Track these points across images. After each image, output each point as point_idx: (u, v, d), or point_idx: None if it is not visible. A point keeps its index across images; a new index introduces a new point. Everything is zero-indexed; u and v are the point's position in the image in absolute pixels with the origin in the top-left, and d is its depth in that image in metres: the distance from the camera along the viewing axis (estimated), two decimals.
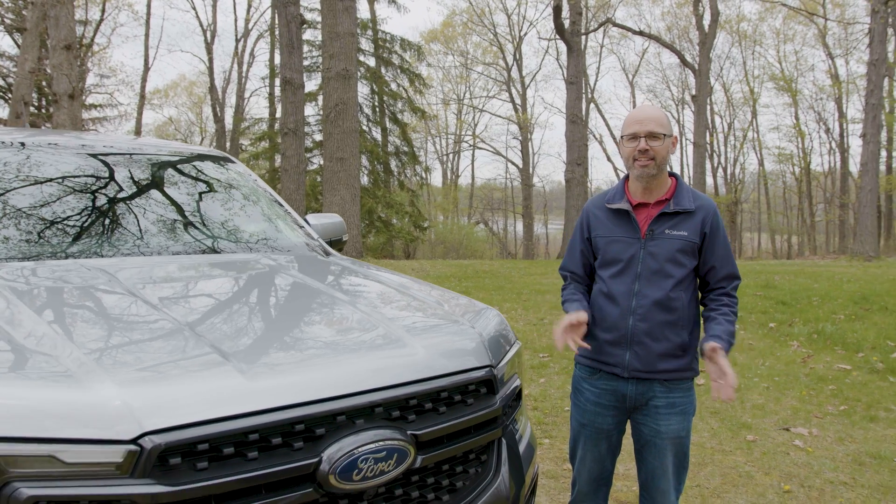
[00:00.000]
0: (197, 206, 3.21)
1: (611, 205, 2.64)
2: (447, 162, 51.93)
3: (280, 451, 1.63)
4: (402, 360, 1.94)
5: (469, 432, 2.04)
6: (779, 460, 4.44)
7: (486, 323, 2.41)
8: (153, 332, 1.87)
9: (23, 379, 1.55)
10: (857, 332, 8.09)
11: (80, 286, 2.23)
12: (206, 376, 1.64)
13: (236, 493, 1.56)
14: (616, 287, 2.58)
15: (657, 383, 2.55)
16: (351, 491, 1.71)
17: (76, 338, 1.77)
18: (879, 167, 25.41)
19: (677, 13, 43.35)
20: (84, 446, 1.45)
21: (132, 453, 1.46)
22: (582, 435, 2.72)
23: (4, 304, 1.93)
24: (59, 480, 1.43)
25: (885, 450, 4.61)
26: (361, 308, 2.26)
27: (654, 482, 2.62)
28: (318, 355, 1.89)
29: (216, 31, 40.10)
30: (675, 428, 2.57)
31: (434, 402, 1.95)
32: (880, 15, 20.09)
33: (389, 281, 2.80)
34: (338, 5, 14.63)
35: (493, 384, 2.14)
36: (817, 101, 44.00)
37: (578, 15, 24.89)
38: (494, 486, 2.10)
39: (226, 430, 1.56)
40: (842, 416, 5.35)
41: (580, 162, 24.41)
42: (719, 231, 2.56)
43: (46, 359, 1.63)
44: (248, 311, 2.23)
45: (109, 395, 1.50)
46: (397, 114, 30.65)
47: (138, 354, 1.71)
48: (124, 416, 1.48)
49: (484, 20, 44.41)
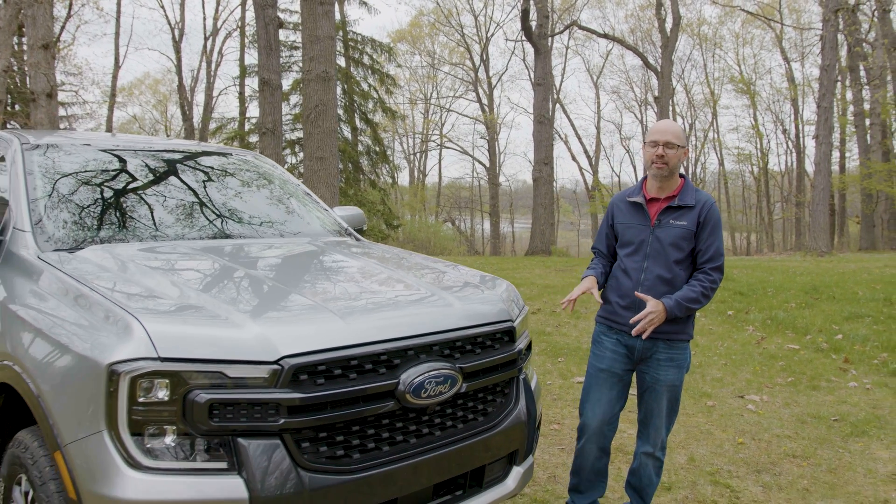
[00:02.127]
0: (257, 198, 3.85)
1: (630, 198, 3.33)
2: (414, 161, 52.44)
3: (371, 374, 2.24)
4: (448, 313, 2.57)
5: (496, 369, 2.67)
6: (734, 420, 5.15)
7: (502, 289, 3.05)
8: (273, 291, 2.49)
9: (199, 322, 2.14)
10: (807, 318, 8.88)
11: (207, 260, 2.85)
12: (317, 319, 2.26)
13: (343, 402, 2.17)
14: (629, 263, 3.25)
15: (660, 341, 3.20)
16: (419, 406, 2.32)
17: (223, 295, 2.39)
18: (832, 167, 26.63)
19: (640, 16, 44.47)
20: (242, 366, 2.04)
21: (275, 371, 2.06)
22: (598, 380, 3.32)
23: (160, 275, 2.53)
24: (226, 389, 2.02)
25: (824, 411, 5.35)
26: (407, 276, 2.90)
27: (650, 419, 3.28)
28: (388, 307, 2.52)
29: (184, 29, 40.02)
30: (672, 378, 3.22)
31: (472, 345, 2.58)
32: (831, 23, 21.17)
33: (418, 257, 3.43)
34: (317, 9, 15.13)
35: (513, 334, 2.79)
36: (775, 102, 45.55)
37: (545, 18, 25.64)
38: (515, 412, 2.74)
39: (334, 357, 2.16)
40: (789, 386, 6.09)
41: (547, 161, 25.13)
42: (710, 222, 3.19)
43: (211, 309, 2.22)
44: (325, 277, 2.86)
45: (257, 331, 2.10)
46: (368, 113, 31.12)
47: (269, 306, 2.32)
48: (268, 346, 2.08)
49: (451, 21, 44.93)
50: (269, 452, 2.03)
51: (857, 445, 4.68)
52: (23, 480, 2.42)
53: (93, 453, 2.00)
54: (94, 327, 2.12)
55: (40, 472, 2.24)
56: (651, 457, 3.31)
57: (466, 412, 2.57)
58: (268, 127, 17.32)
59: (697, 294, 3.14)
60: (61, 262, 2.66)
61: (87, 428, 2.02)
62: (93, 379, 2.00)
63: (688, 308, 3.10)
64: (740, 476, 4.17)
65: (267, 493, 2.00)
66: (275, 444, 2.05)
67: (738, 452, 4.55)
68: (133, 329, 2.02)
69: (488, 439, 2.61)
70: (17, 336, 2.42)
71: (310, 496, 2.06)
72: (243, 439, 2.02)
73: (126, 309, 2.12)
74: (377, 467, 2.24)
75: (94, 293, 2.27)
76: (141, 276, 2.52)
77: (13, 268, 2.82)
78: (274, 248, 3.34)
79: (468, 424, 2.57)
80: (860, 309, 9.24)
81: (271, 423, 2.04)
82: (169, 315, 2.15)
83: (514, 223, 55.27)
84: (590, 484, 3.40)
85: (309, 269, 3.03)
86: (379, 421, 2.28)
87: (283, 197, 4.11)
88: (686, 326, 3.22)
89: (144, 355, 1.98)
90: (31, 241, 2.89)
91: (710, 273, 3.18)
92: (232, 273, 2.74)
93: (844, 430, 4.96)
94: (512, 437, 2.71)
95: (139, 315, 2.07)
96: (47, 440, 2.16)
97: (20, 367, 2.32)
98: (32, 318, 2.40)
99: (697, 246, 3.19)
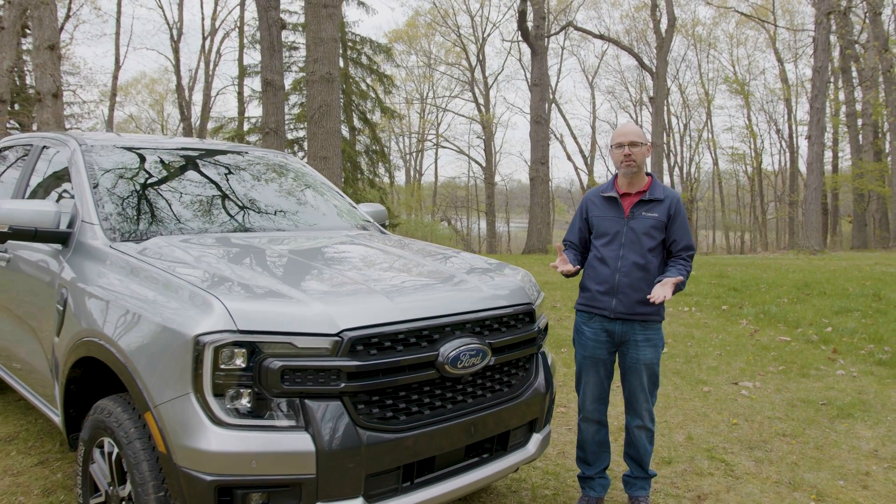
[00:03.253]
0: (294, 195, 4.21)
1: (604, 194, 3.66)
2: (411, 160, 52.74)
3: (415, 347, 2.59)
4: (478, 296, 2.92)
5: (519, 346, 3.02)
6: (728, 404, 5.51)
7: (522, 276, 3.39)
8: (326, 275, 2.84)
9: (270, 300, 2.48)
10: (798, 312, 9.25)
11: (262, 250, 3.22)
12: (368, 299, 2.60)
13: (392, 370, 2.51)
14: (606, 252, 3.58)
15: (637, 323, 3.54)
16: (455, 375, 2.67)
17: (285, 278, 2.75)
18: (824, 167, 27.06)
19: (635, 16, 44.87)
20: (308, 338, 2.38)
21: (336, 342, 2.40)
22: (585, 365, 3.68)
23: (225, 262, 2.88)
24: (295, 357, 2.36)
25: (812, 396, 5.71)
26: (438, 263, 3.24)
27: (635, 396, 3.62)
28: (427, 290, 2.87)
29: (183, 29, 40.20)
30: (650, 356, 3.56)
31: (498, 324, 2.93)
32: (823, 26, 21.60)
33: (442, 248, 3.78)
34: (321, 12, 15.45)
35: (533, 315, 3.14)
36: (768, 103, 46.08)
37: (542, 19, 26.00)
38: (535, 385, 3.09)
39: (384, 331, 2.51)
40: (780, 374, 6.45)
41: (544, 161, 25.47)
42: (679, 214, 3.58)
43: (278, 290, 2.57)
44: (367, 263, 3.21)
45: (320, 309, 2.44)
46: (367, 113, 31.46)
47: (325, 287, 2.66)
48: (330, 321, 2.42)
49: (448, 21, 45.27)
50: (331, 412, 2.37)
51: (843, 426, 5.04)
52: (105, 442, 2.75)
53: (181, 412, 2.33)
54: (180, 306, 2.46)
55: (126, 433, 2.57)
56: (642, 428, 3.64)
57: (494, 383, 2.91)
58: (271, 127, 17.63)
59: (685, 275, 3.52)
60: (135, 251, 2.99)
61: (175, 391, 2.35)
62: (181, 349, 2.34)
63: (680, 286, 3.48)
64: (734, 452, 4.52)
65: (330, 447, 2.33)
66: (336, 405, 2.39)
67: (732, 432, 4.90)
68: (215, 306, 2.36)
69: (512, 408, 2.95)
70: (101, 315, 2.75)
71: (366, 450, 2.40)
72: (310, 400, 2.36)
73: (206, 290, 2.45)
74: (419, 428, 2.58)
75: (175, 277, 2.61)
76: (208, 262, 2.85)
77: (86, 256, 3.15)
78: (317, 239, 3.70)
79: (495, 394, 2.91)
80: (850, 304, 9.61)
81: (333, 386, 2.38)
82: (244, 295, 2.49)
83: (509, 222, 55.60)
84: (595, 455, 3.74)
85: (351, 256, 3.37)
86: (421, 388, 2.63)
87: (316, 194, 4.50)
88: (659, 309, 3.56)
89: (225, 328, 2.31)
90: (100, 232, 3.22)
91: (686, 259, 3.57)
92: (287, 260, 3.10)
93: (831, 412, 5.32)
94: (532, 406, 3.06)
95: (219, 294, 2.41)
96: (137, 403, 2.49)
97: (107, 342, 2.65)
98: (117, 299, 2.73)
99: (671, 236, 3.55)
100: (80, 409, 3.15)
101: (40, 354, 3.46)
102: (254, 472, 2.30)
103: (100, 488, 2.85)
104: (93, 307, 2.85)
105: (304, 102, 29.59)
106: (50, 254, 3.42)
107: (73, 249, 3.27)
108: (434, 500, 2.66)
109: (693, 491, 3.95)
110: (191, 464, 2.31)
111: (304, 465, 2.32)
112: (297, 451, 2.32)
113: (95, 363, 2.97)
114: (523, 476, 4.11)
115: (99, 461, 2.83)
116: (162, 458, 2.40)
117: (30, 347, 3.59)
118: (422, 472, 2.65)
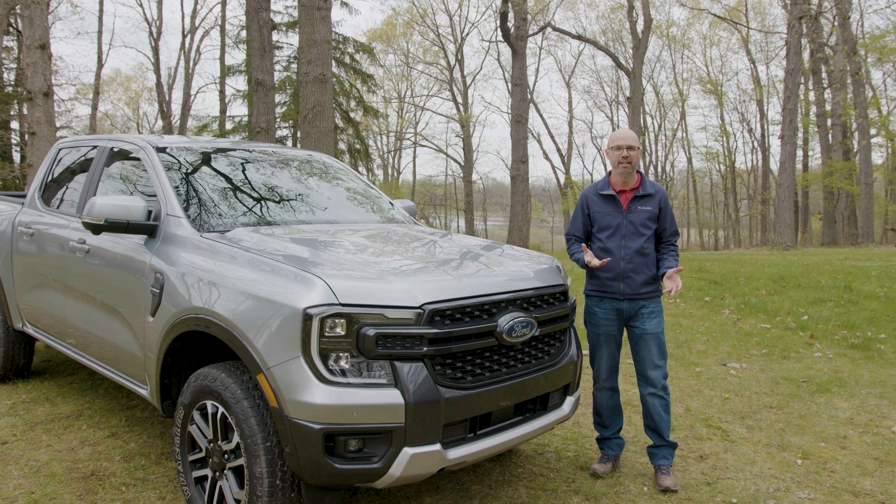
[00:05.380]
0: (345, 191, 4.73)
1: (602, 192, 4.19)
2: (389, 159, 53.05)
3: (478, 319, 3.09)
4: (525, 277, 3.45)
5: (556, 320, 3.53)
6: (719, 382, 6.08)
7: (555, 262, 3.90)
8: (400, 257, 3.35)
9: (364, 279, 2.97)
10: (776, 303, 9.90)
11: (338, 238, 3.73)
12: (440, 278, 3.12)
13: (461, 338, 3.01)
14: (610, 244, 4.11)
15: (641, 300, 4.08)
16: (510, 343, 3.18)
17: (369, 260, 3.27)
18: (796, 166, 27.98)
19: (611, 17, 45.58)
20: (397, 310, 2.87)
21: (419, 314, 2.89)
22: (598, 342, 4.19)
23: (310, 248, 3.38)
24: (386, 326, 2.85)
25: (794, 374, 6.31)
26: (486, 250, 3.78)
27: (646, 364, 4.13)
28: (485, 272, 3.38)
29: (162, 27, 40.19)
30: (655, 325, 4.09)
31: (541, 301, 3.45)
32: (795, 29, 22.43)
33: (475, 237, 4.30)
34: (315, 14, 15.83)
35: (567, 294, 3.66)
36: (741, 103, 47.14)
37: (523, 20, 26.53)
38: (569, 354, 3.62)
39: (456, 305, 3.01)
40: (763, 356, 7.05)
41: (524, 160, 26.01)
42: (667, 205, 4.18)
43: (367, 270, 3.07)
44: (428, 250, 3.71)
45: (404, 286, 2.94)
46: (350, 112, 31.83)
47: (404, 268, 3.16)
48: (413, 296, 2.91)
49: (426, 20, 45.59)
50: (416, 372, 2.86)
51: (822, 399, 5.63)
52: (208, 405, 3.21)
53: (292, 373, 2.81)
54: (286, 284, 2.93)
55: (233, 394, 3.04)
56: (655, 396, 4.14)
57: (537, 352, 3.43)
58: (262, 126, 18.01)
59: (676, 259, 4.11)
60: (227, 240, 3.46)
61: (286, 355, 2.82)
62: (291, 320, 2.81)
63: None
64: (728, 421, 5.09)
65: (416, 399, 2.82)
66: (420, 366, 2.88)
67: (725, 405, 5.47)
68: (318, 284, 2.84)
69: (551, 373, 3.46)
70: (209, 294, 3.21)
71: (444, 403, 2.89)
72: (398, 362, 2.86)
73: (307, 271, 2.93)
74: (482, 387, 3.08)
75: (276, 262, 3.09)
76: (293, 249, 3.33)
77: (178, 245, 3.60)
78: (377, 230, 4.24)
79: (538, 361, 3.42)
80: (823, 295, 10.28)
81: (417, 350, 2.88)
82: (341, 274, 2.97)
83: (487, 220, 56.19)
84: (610, 419, 4.25)
85: (412, 244, 3.88)
86: (482, 354, 3.13)
87: (363, 191, 5.07)
88: (657, 286, 4.15)
89: (329, 301, 2.79)
90: (186, 224, 3.68)
91: (674, 244, 4.20)
92: (362, 246, 3.61)
93: (811, 388, 5.92)
94: (567, 372, 3.58)
95: (321, 274, 2.89)
96: (250, 367, 2.95)
97: (216, 317, 3.11)
98: (223, 280, 3.19)
99: (662, 225, 4.14)
100: (172, 379, 3.61)
101: (125, 333, 3.90)
102: (354, 421, 2.79)
103: (199, 445, 3.31)
104: (198, 288, 3.30)
105: (289, 101, 29.93)
106: (136, 244, 3.85)
107: (162, 239, 3.72)
108: (491, 449, 3.18)
109: (696, 452, 4.50)
110: (301, 415, 2.78)
111: (396, 415, 2.81)
112: (389, 403, 2.81)
113: (191, 337, 3.44)
114: (546, 441, 4.63)
115: (199, 422, 3.29)
116: (273, 411, 2.87)
117: (114, 328, 4.02)
118: (482, 425, 3.16)
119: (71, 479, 3.87)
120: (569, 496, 3.82)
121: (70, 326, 4.52)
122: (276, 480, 2.92)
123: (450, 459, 2.96)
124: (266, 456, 2.91)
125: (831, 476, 4.15)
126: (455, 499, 3.74)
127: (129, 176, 4.47)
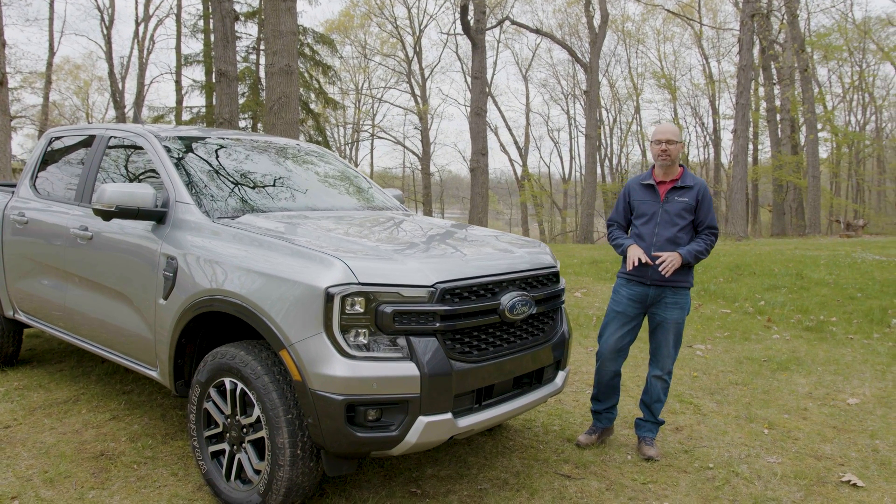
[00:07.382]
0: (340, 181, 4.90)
1: (643, 181, 4.40)
2: (346, 151, 52.85)
3: (483, 297, 3.33)
4: (522, 260, 3.70)
5: (550, 300, 3.79)
6: (688, 362, 6.44)
7: (545, 247, 4.16)
8: (407, 240, 3.57)
9: (379, 260, 3.18)
10: (734, 290, 10.36)
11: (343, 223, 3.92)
12: (450, 260, 3.35)
13: (469, 314, 3.24)
14: (644, 230, 4.32)
15: (668, 289, 4.29)
16: (511, 320, 3.42)
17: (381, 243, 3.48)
18: (748, 159, 28.88)
19: (568, 11, 46.16)
20: (411, 289, 3.09)
21: (432, 292, 3.11)
22: (613, 318, 4.40)
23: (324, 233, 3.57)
24: (401, 303, 3.06)
25: (755, 355, 6.71)
26: (485, 235, 4.02)
27: (659, 349, 4.36)
28: (487, 255, 3.62)
29: (114, 15, 39.34)
30: (676, 316, 4.31)
31: (536, 282, 3.70)
32: (747, 27, 23.13)
33: (475, 226, 4.53)
34: (280, 5, 15.82)
35: (558, 276, 3.92)
36: (693, 97, 48.24)
37: (483, 14, 26.74)
38: (561, 331, 3.88)
39: (464, 284, 3.24)
40: (726, 339, 7.45)
41: (484, 152, 26.27)
42: (706, 199, 4.28)
43: (381, 252, 3.29)
44: (431, 234, 3.94)
45: (416, 266, 3.16)
46: (310, 103, 31.72)
47: (413, 250, 3.38)
48: (426, 276, 3.13)
49: (384, 12, 45.49)
50: (429, 346, 3.09)
51: (783, 376, 6.02)
52: (226, 381, 3.38)
53: (315, 348, 3.01)
54: (306, 265, 3.12)
55: (253, 370, 3.22)
56: (659, 379, 4.39)
57: (534, 329, 3.68)
58: (225, 117, 17.87)
59: (703, 247, 4.22)
60: (240, 225, 3.62)
61: (309, 331, 3.02)
62: (313, 298, 3.01)
63: (696, 256, 4.20)
64: (699, 397, 5.43)
65: (430, 371, 3.05)
66: (433, 340, 3.11)
67: (694, 382, 5.82)
68: (337, 265, 3.04)
69: (546, 349, 3.73)
70: (229, 276, 3.37)
71: (456, 375, 3.13)
72: (413, 337, 3.08)
73: (328, 253, 3.13)
74: (486, 360, 3.32)
75: (294, 244, 3.27)
76: (308, 233, 3.52)
77: (190, 230, 3.75)
78: (380, 215, 4.47)
79: (535, 337, 3.68)
80: (777, 282, 10.80)
81: (430, 326, 3.10)
82: (356, 256, 3.16)
83: (444, 212, 56.49)
84: (606, 395, 4.51)
85: (415, 228, 4.12)
86: (487, 330, 3.37)
87: (358, 180, 5.28)
88: (688, 276, 4.30)
89: (349, 281, 3.00)
90: (196, 210, 3.83)
91: (709, 234, 4.26)
92: (369, 230, 3.83)
93: (772, 366, 6.32)
94: (559, 348, 3.84)
95: (340, 256, 3.09)
96: (272, 343, 3.13)
97: (237, 298, 3.28)
98: (242, 262, 3.35)
99: (698, 217, 4.27)
100: (185, 359, 3.77)
101: (133, 317, 4.03)
102: (374, 392, 3.00)
103: (215, 421, 3.48)
104: (217, 271, 3.45)
105: (248, 93, 29.70)
106: (144, 230, 3.98)
107: (172, 225, 3.86)
108: (494, 419, 3.42)
109: (671, 424, 4.82)
110: (324, 387, 2.98)
111: (412, 386, 3.03)
112: (407, 375, 3.03)
113: (203, 319, 3.60)
114: (533, 417, 4.90)
115: (216, 398, 3.46)
116: (296, 385, 3.06)
117: (120, 312, 4.14)
118: (486, 396, 3.40)
119: (81, 458, 4.00)
120: (559, 464, 4.09)
121: (69, 312, 4.62)
122: (297, 450, 3.12)
123: (460, 427, 3.20)
124: (288, 427, 3.11)
125: (795, 443, 4.51)
126: (455, 468, 3.99)
127: (130, 164, 4.58)
